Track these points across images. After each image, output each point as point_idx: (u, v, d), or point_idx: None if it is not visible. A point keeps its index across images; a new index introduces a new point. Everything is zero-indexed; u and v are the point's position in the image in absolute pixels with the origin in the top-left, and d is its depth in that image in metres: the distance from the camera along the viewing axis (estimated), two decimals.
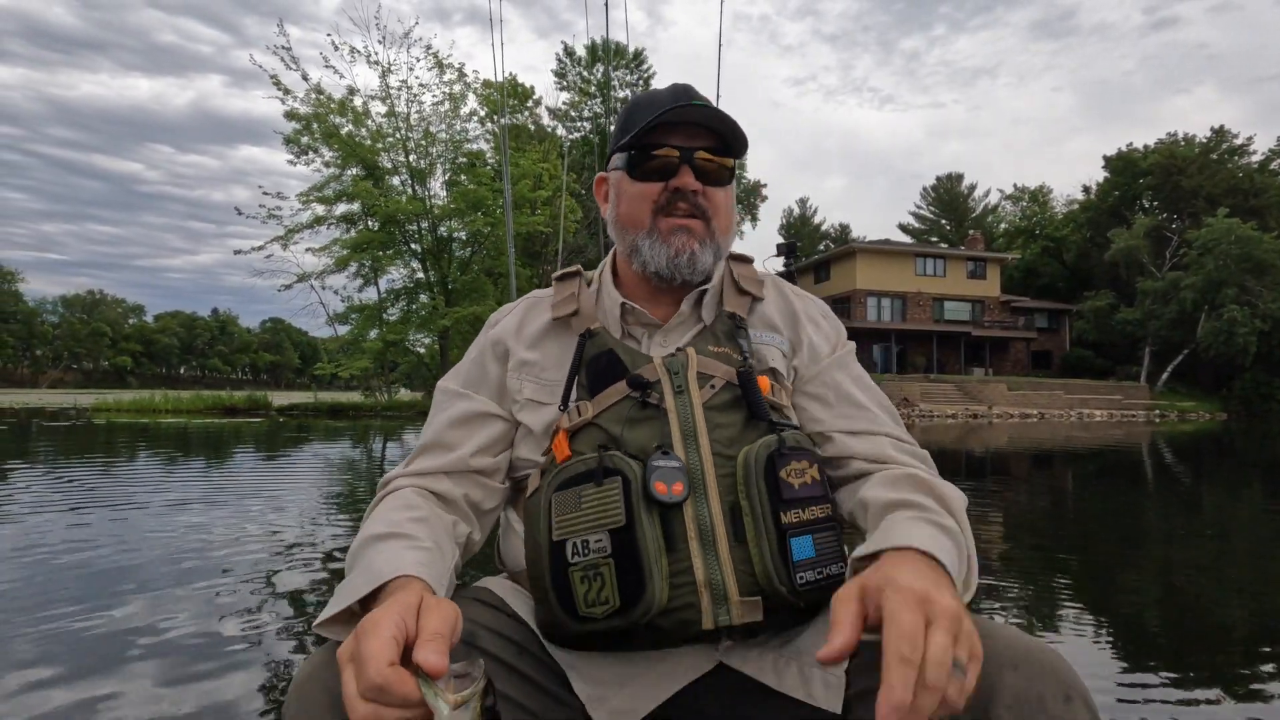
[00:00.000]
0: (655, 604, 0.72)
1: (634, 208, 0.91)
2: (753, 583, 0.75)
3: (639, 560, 0.73)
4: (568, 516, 0.76)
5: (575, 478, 0.77)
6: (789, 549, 0.76)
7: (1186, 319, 34.44)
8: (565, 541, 0.75)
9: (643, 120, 0.88)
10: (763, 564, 0.75)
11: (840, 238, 60.44)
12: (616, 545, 0.73)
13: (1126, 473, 8.70)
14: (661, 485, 0.75)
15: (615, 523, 0.74)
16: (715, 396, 0.83)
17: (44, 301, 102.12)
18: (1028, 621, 2.64)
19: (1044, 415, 27.73)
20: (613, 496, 0.75)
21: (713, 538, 0.76)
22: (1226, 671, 2.14)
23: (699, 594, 0.74)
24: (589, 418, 0.82)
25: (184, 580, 2.98)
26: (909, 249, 40.16)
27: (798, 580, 0.75)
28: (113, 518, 4.35)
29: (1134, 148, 42.95)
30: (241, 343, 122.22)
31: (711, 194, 0.91)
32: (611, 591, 0.73)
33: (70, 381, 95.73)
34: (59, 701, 1.82)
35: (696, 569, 0.74)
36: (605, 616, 0.73)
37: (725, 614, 0.74)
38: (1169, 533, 4.76)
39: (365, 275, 21.87)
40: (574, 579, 0.74)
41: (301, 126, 20.60)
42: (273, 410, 21.94)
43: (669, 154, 0.88)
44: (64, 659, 2.10)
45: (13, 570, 3.14)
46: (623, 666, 0.78)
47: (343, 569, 3.29)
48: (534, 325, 0.95)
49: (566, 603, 0.75)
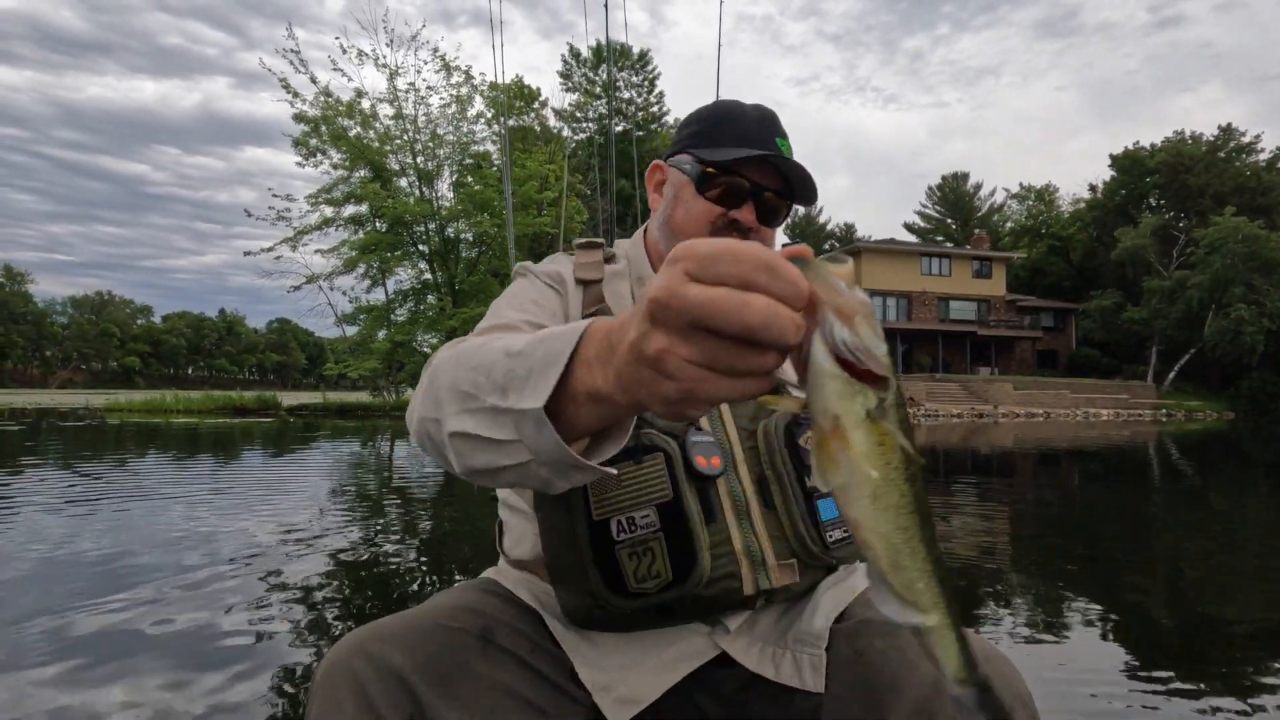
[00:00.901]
0: (705, 574, 0.75)
1: (690, 222, 0.91)
2: (786, 547, 0.80)
3: (689, 531, 0.75)
4: (608, 495, 0.76)
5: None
6: (817, 511, 0.81)
7: (1193, 318, 34.32)
8: (608, 520, 0.75)
9: (725, 138, 0.89)
10: (794, 528, 0.80)
11: (845, 237, 60.35)
12: (665, 519, 0.75)
13: (1133, 472, 8.71)
14: (701, 459, 0.78)
15: (663, 497, 0.76)
16: None
17: (53, 302, 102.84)
18: (1035, 619, 2.69)
19: (1049, 415, 27.69)
20: (657, 472, 0.76)
21: (746, 508, 0.80)
22: (1235, 669, 2.16)
23: (738, 561, 0.77)
24: None
25: (193, 575, 3.05)
26: (914, 248, 40.11)
27: (829, 539, 0.80)
28: (125, 515, 4.46)
29: (1140, 146, 42.79)
30: (248, 343, 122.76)
31: (764, 234, 0.92)
32: (664, 565, 0.74)
33: (79, 382, 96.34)
34: (67, 698, 1.84)
35: (734, 538, 0.78)
36: (658, 590, 0.75)
37: (765, 578, 0.78)
38: (1176, 531, 4.79)
39: (373, 276, 21.99)
40: (622, 556, 0.75)
41: (310, 129, 20.76)
42: (282, 410, 22.12)
43: (740, 183, 0.88)
44: (74, 654, 2.14)
45: (28, 565, 3.23)
46: (628, 656, 0.79)
47: (350, 568, 3.31)
48: (553, 281, 0.93)
49: (615, 581, 0.75)
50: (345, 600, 2.80)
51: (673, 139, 0.99)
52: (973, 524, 4.75)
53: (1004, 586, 3.13)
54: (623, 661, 0.79)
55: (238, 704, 1.84)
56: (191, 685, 1.94)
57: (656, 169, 0.99)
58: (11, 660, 2.10)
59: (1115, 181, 43.57)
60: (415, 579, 3.14)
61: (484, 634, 0.74)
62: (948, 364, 37.13)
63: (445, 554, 3.67)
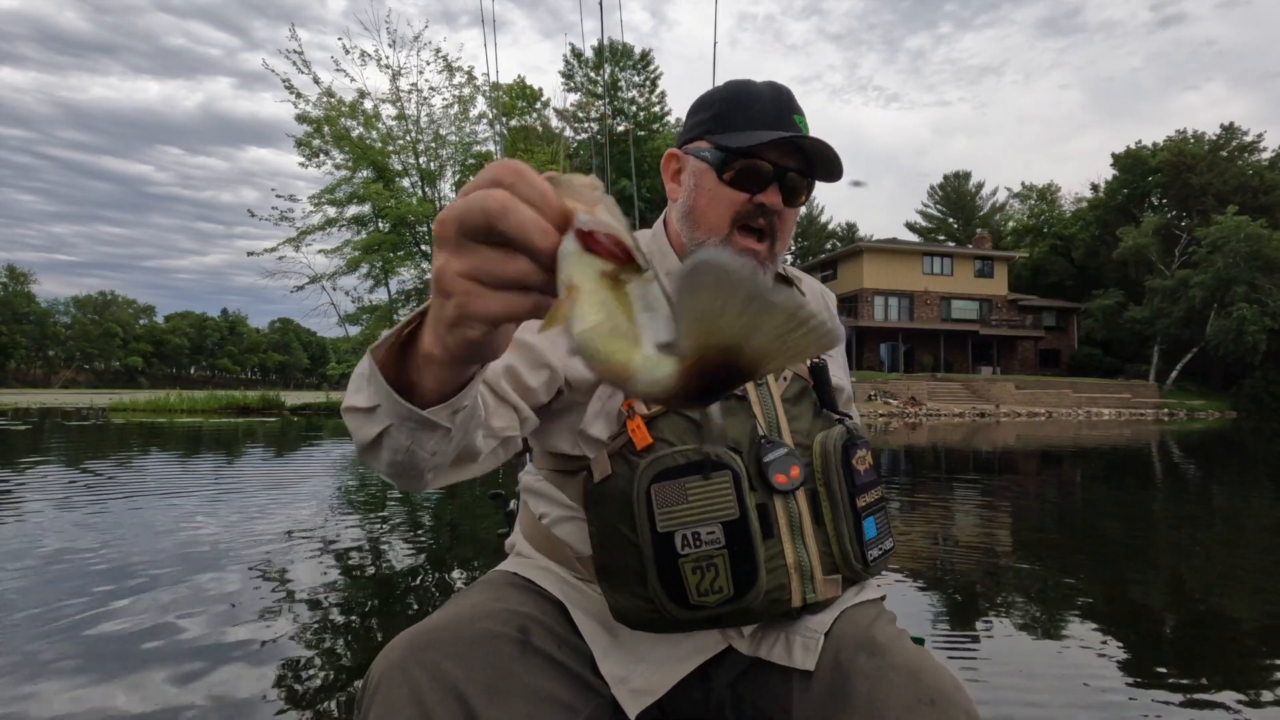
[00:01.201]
0: (762, 590, 0.76)
1: (714, 210, 0.88)
2: (832, 562, 0.82)
3: (751, 549, 0.76)
4: (675, 509, 0.76)
5: (676, 469, 0.77)
6: (863, 530, 0.83)
7: (1196, 317, 34.27)
8: (674, 533, 0.75)
9: (744, 122, 0.86)
10: (840, 544, 0.82)
11: (847, 236, 60.29)
12: (729, 536, 0.76)
13: (1135, 471, 8.73)
14: (781, 476, 0.80)
15: (729, 515, 0.76)
16: (788, 389, 0.88)
17: (56, 302, 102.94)
18: (1038, 617, 2.68)
19: (1051, 414, 27.68)
20: (724, 490, 0.76)
21: (800, 524, 0.81)
22: (1237, 666, 2.17)
23: (789, 576, 0.79)
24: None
25: (198, 575, 3.08)
26: (916, 248, 40.08)
27: (869, 557, 0.83)
28: (130, 514, 4.51)
29: (1143, 145, 42.70)
30: (251, 343, 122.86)
31: (787, 215, 0.89)
32: (726, 580, 0.75)
33: (82, 382, 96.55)
34: (73, 697, 1.85)
35: (787, 553, 0.79)
36: (718, 604, 0.76)
37: (812, 591, 0.80)
38: (1179, 530, 4.80)
39: (376, 276, 22.06)
40: (685, 569, 0.75)
41: (313, 129, 20.83)
42: (285, 410, 22.20)
43: (763, 166, 0.85)
44: (78, 655, 2.15)
45: (36, 564, 3.26)
46: (644, 649, 0.82)
47: (354, 565, 3.35)
48: None
49: (676, 593, 0.76)
50: (349, 598, 2.84)
51: (684, 125, 0.95)
52: (975, 523, 4.77)
53: (1007, 584, 3.15)
54: (639, 654, 0.81)
55: (243, 700, 1.85)
56: (199, 684, 1.95)
57: (672, 158, 0.95)
58: (19, 659, 2.12)
59: (1117, 180, 43.48)
60: (420, 576, 3.18)
61: (522, 634, 0.75)
62: (950, 363, 37.10)
63: (451, 550, 3.71)
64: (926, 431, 16.52)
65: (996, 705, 1.88)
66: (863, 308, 36.81)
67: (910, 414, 25.53)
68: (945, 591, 3.01)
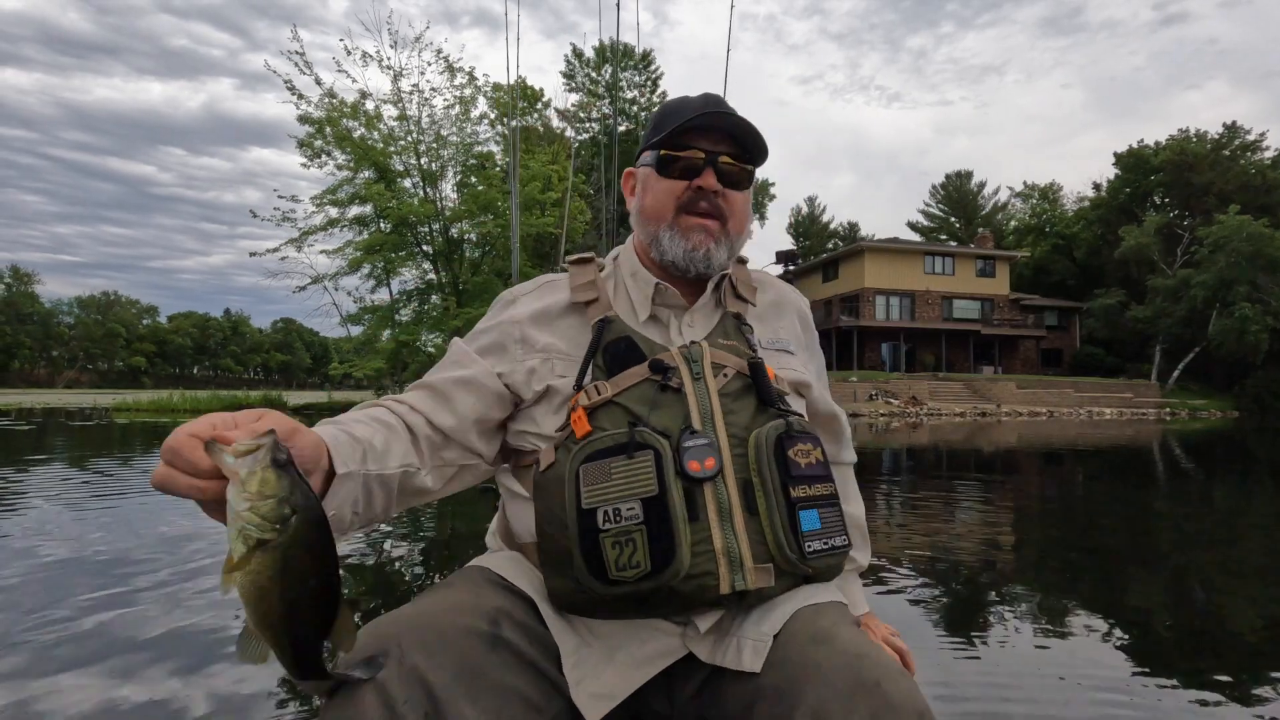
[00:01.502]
0: (682, 569, 0.78)
1: (659, 202, 0.98)
2: (765, 551, 0.82)
3: (670, 527, 0.78)
4: (598, 486, 0.80)
5: (603, 451, 0.82)
6: (798, 520, 0.83)
7: (1198, 316, 34.24)
8: (596, 509, 0.79)
9: (673, 124, 0.95)
10: (774, 534, 0.82)
11: (849, 236, 60.27)
12: (649, 512, 0.78)
13: (1137, 470, 8.73)
14: (695, 463, 0.81)
15: (648, 492, 0.79)
16: (728, 384, 0.90)
17: (60, 303, 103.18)
18: (1039, 618, 2.67)
19: (1053, 414, 27.67)
20: (645, 468, 0.80)
21: (729, 511, 0.82)
22: (1239, 667, 2.16)
23: (717, 561, 0.79)
24: (609, 396, 0.87)
25: (200, 572, 3.14)
26: (918, 247, 40.09)
27: (806, 549, 0.83)
28: (132, 512, 4.55)
29: (1145, 144, 42.66)
30: (253, 343, 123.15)
31: (731, 196, 0.98)
32: (643, 556, 0.77)
33: (85, 382, 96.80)
34: (82, 695, 1.86)
35: (715, 538, 0.80)
36: (636, 580, 0.77)
37: (741, 579, 0.80)
38: (1180, 529, 4.80)
39: (377, 276, 22.12)
40: (605, 544, 0.78)
41: (314, 130, 20.88)
42: (288, 409, 22.29)
43: (695, 155, 0.95)
44: (85, 649, 2.18)
45: (40, 561, 3.29)
46: (606, 650, 0.82)
47: (355, 560, 3.40)
48: (550, 308, 0.99)
49: (596, 567, 0.78)
50: (349, 592, 2.87)
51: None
52: (976, 522, 4.79)
53: (1007, 585, 3.16)
54: (601, 655, 0.82)
55: (247, 696, 1.87)
56: (198, 680, 1.97)
57: (629, 176, 1.07)
58: (23, 656, 2.14)
59: (1119, 179, 43.45)
60: (411, 569, 3.21)
61: (492, 628, 0.76)
62: (951, 363, 37.10)
63: (446, 546, 3.74)
64: (928, 431, 16.53)
65: (995, 703, 1.88)
66: (864, 307, 36.82)
67: (911, 413, 25.53)
68: (945, 590, 3.02)
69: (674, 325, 0.99)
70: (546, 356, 0.95)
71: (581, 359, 0.93)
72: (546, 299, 1.01)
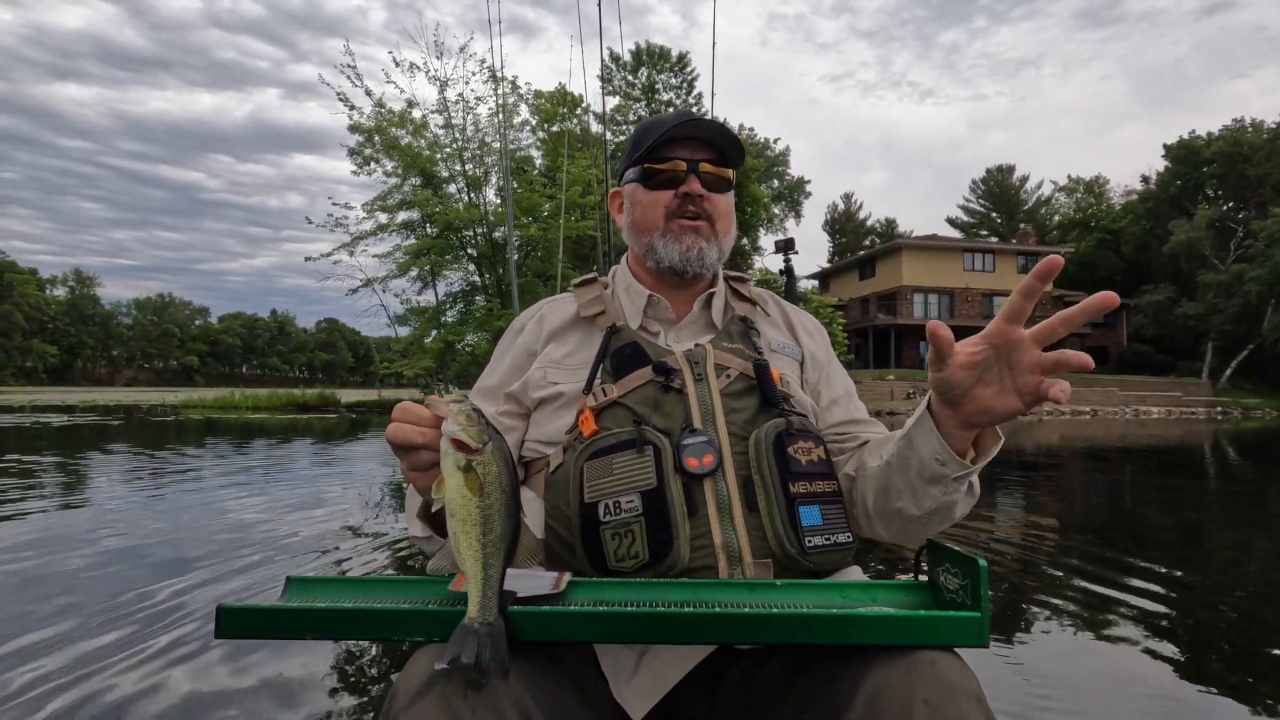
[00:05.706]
0: (680, 562, 0.79)
1: (648, 213, 1.03)
2: (764, 546, 0.82)
3: (668, 519, 0.80)
4: (600, 481, 0.83)
5: (606, 448, 0.86)
6: (798, 516, 0.84)
7: (1252, 313, 33.13)
8: (598, 503, 0.82)
9: (652, 138, 1.00)
10: (774, 529, 0.83)
11: (886, 233, 59.53)
12: (647, 505, 0.81)
13: (1187, 470, 8.49)
14: (693, 460, 0.84)
15: (646, 485, 0.81)
16: (730, 385, 0.93)
17: (118, 305, 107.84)
18: (1084, 618, 2.62)
19: (1097, 412, 27.16)
20: (645, 463, 0.83)
21: (729, 507, 0.83)
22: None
23: (716, 555, 0.81)
24: (614, 397, 0.90)
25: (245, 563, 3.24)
26: (957, 244, 39.54)
27: (806, 544, 0.83)
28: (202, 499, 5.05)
29: (1196, 135, 41.33)
30: (299, 342, 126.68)
31: (714, 200, 1.02)
32: (641, 547, 0.79)
33: (143, 380, 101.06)
34: (121, 681, 1.91)
35: (714, 533, 0.81)
36: (634, 570, 0.79)
37: (741, 574, 0.80)
38: (1232, 532, 4.70)
39: (424, 279, 22.90)
40: (605, 535, 0.80)
41: (364, 139, 21.74)
42: (341, 407, 23.26)
43: (677, 165, 1.00)
44: (156, 632, 2.27)
45: (156, 544, 3.62)
46: (639, 649, 0.82)
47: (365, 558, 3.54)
48: (556, 322, 1.05)
49: (596, 558, 0.81)
50: None
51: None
52: (1019, 521, 4.76)
53: (1052, 584, 3.11)
54: (635, 652, 0.82)
55: (297, 680, 1.92)
56: (249, 666, 2.02)
57: (615, 195, 1.13)
58: (93, 640, 2.21)
59: (1170, 172, 42.15)
60: None
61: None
62: None
63: None
64: None
65: (1036, 706, 1.84)
66: (901, 305, 36.50)
67: None
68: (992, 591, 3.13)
69: (662, 337, 1.03)
70: (558, 364, 1.00)
71: (591, 365, 0.97)
72: (552, 317, 1.06)
